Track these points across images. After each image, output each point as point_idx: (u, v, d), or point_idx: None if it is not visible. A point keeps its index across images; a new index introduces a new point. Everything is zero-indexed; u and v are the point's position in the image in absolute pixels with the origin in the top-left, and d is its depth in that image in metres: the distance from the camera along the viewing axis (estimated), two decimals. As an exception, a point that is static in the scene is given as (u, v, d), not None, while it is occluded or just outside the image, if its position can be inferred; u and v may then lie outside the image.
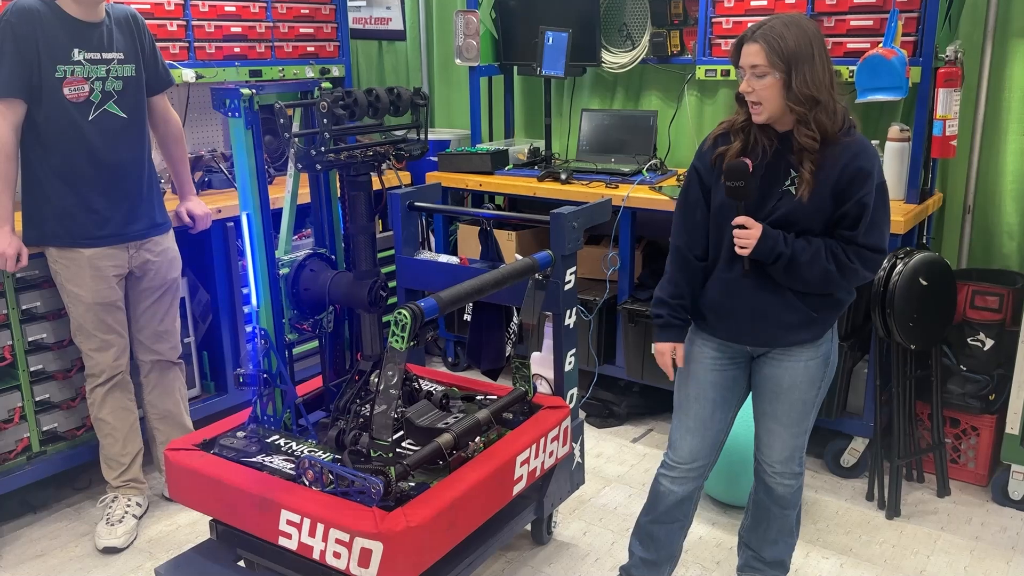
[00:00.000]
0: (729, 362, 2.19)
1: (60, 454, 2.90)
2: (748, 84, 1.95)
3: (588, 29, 3.78)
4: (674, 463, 2.26)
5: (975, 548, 2.72)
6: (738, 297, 2.08)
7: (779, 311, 2.06)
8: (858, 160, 1.95)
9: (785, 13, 2.01)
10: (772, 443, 2.21)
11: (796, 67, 1.89)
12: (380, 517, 1.92)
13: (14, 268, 2.57)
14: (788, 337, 2.09)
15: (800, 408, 2.16)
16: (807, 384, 2.13)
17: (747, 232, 1.99)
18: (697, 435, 2.22)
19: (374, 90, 2.19)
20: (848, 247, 1.98)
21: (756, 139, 2.02)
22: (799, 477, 2.26)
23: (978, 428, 3.03)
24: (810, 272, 1.99)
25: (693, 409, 2.22)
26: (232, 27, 3.58)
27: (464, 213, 3.35)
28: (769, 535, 2.33)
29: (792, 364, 2.12)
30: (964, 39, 3.12)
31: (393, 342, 1.91)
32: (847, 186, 1.95)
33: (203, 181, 3.42)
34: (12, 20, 2.45)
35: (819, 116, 1.92)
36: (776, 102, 1.94)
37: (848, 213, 1.97)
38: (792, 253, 1.97)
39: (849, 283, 2.04)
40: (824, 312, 2.08)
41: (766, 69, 1.91)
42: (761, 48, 1.91)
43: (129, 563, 2.70)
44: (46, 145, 2.56)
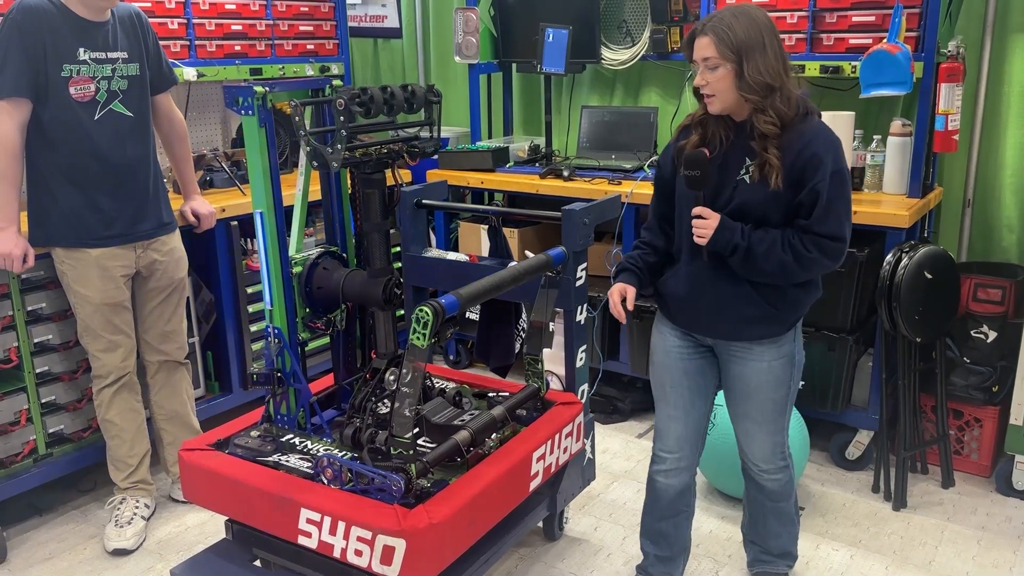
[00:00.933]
0: (694, 351, 2.21)
1: (66, 456, 2.87)
2: (702, 77, 1.97)
3: (588, 26, 3.79)
4: (664, 454, 2.29)
5: (982, 538, 2.75)
6: (699, 288, 2.11)
7: (738, 304, 2.08)
8: (811, 146, 1.95)
9: (735, 4, 2.03)
10: (751, 443, 2.24)
11: (747, 57, 1.92)
12: (402, 514, 1.92)
13: (20, 269, 2.55)
14: (747, 331, 2.10)
15: (771, 407, 2.17)
16: (774, 384, 2.14)
17: (704, 222, 2.01)
18: (681, 422, 2.25)
19: (389, 87, 2.18)
20: (805, 236, 1.98)
21: (714, 131, 2.04)
22: (786, 470, 2.28)
23: (981, 419, 3.06)
24: (767, 263, 1.99)
25: (672, 397, 2.24)
26: (233, 25, 3.56)
27: (473, 210, 3.34)
28: (770, 529, 2.36)
29: (756, 364, 2.13)
30: (963, 34, 3.15)
31: (414, 339, 1.91)
32: (801, 173, 1.96)
33: (205, 180, 3.41)
34: (18, 19, 2.43)
35: (775, 103, 1.94)
36: (729, 93, 1.96)
37: (803, 202, 1.97)
38: (749, 244, 1.98)
39: (810, 273, 2.04)
40: (783, 309, 2.08)
41: (717, 61, 1.93)
42: (711, 40, 1.93)
43: (140, 564, 2.68)
44: (52, 145, 2.54)
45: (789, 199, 1.99)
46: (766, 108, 1.94)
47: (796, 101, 1.98)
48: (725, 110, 2.00)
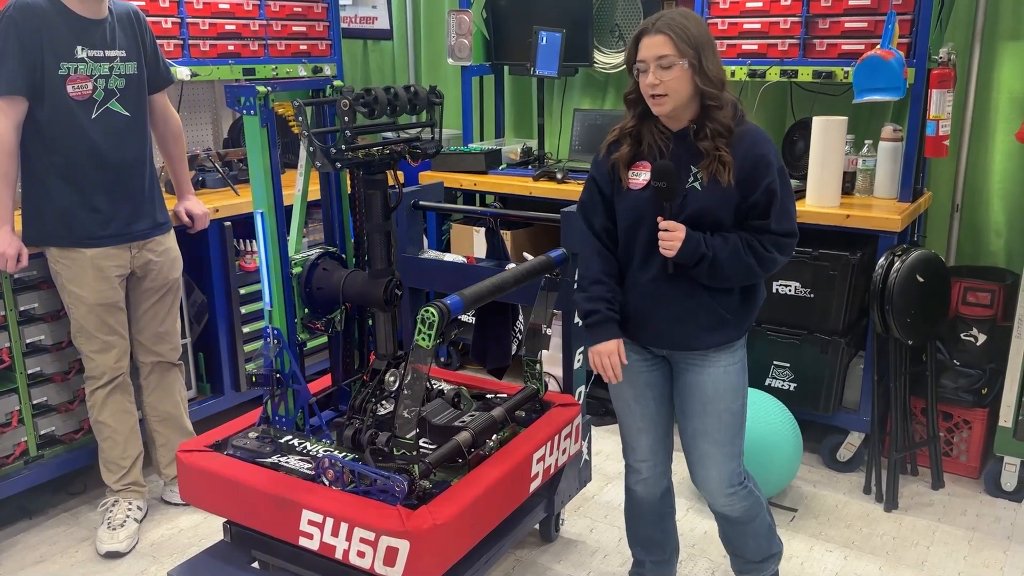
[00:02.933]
0: (651, 364, 2.17)
1: (58, 458, 2.84)
2: (655, 76, 1.93)
3: (580, 29, 3.80)
4: (638, 464, 2.26)
5: (972, 539, 2.78)
6: (653, 300, 2.07)
7: (695, 313, 2.05)
8: (756, 147, 1.95)
9: (677, 8, 2.03)
10: (707, 471, 2.15)
11: (703, 52, 1.92)
12: (406, 515, 1.92)
13: (14, 268, 2.53)
14: (704, 339, 2.06)
15: (729, 420, 2.11)
16: (731, 392, 2.10)
17: (671, 235, 1.98)
18: (650, 432, 2.22)
19: (392, 88, 2.18)
20: (763, 236, 1.97)
21: (649, 143, 2.02)
22: (749, 493, 2.19)
23: (970, 421, 3.10)
24: (733, 269, 1.98)
25: (637, 410, 2.20)
26: (226, 25, 3.54)
27: (471, 212, 3.34)
28: (745, 543, 2.30)
29: (712, 370, 2.08)
30: (953, 41, 3.19)
31: (419, 340, 1.91)
32: (750, 174, 1.95)
33: (197, 180, 3.38)
34: (15, 16, 2.41)
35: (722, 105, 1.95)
36: (684, 91, 1.93)
37: (757, 203, 1.96)
38: (714, 253, 1.97)
39: (769, 272, 2.03)
40: (736, 314, 2.07)
41: (674, 58, 1.90)
42: (667, 38, 1.91)
43: (133, 567, 2.66)
44: (48, 143, 2.52)
45: (739, 201, 1.98)
46: (723, 104, 1.94)
47: (732, 105, 1.99)
48: (674, 111, 1.97)
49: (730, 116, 1.97)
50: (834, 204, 3.07)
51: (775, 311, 3.10)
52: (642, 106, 2.02)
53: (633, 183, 2.04)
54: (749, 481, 2.22)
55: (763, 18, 3.25)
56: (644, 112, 2.02)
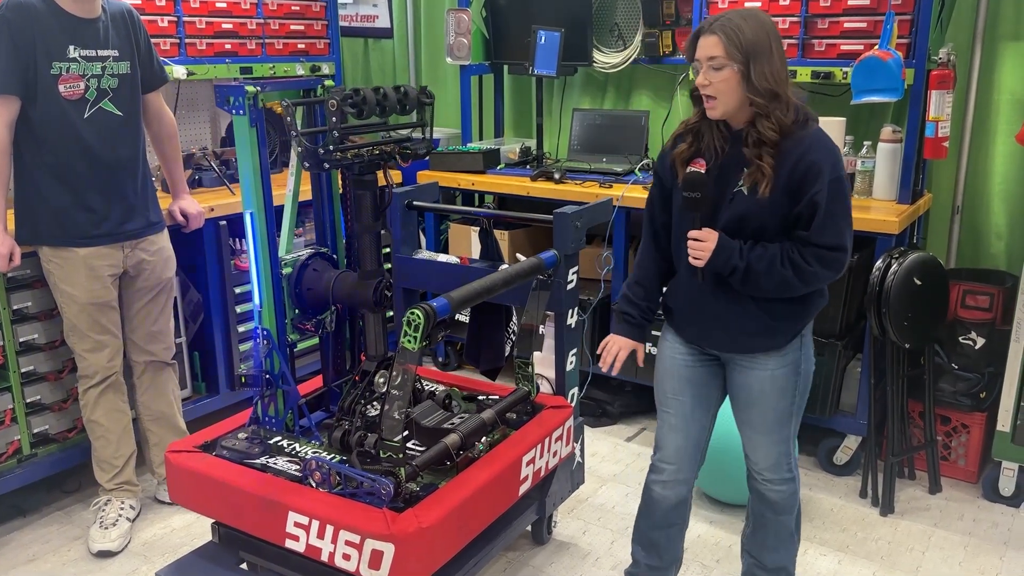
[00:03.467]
0: (699, 360, 2.18)
1: (51, 456, 2.85)
2: (705, 77, 1.92)
3: (579, 29, 3.79)
4: (662, 464, 2.24)
5: (968, 544, 2.76)
6: (699, 304, 2.08)
7: (738, 318, 2.04)
8: (810, 155, 1.91)
9: (742, 8, 2.00)
10: (755, 451, 2.20)
11: (755, 59, 1.88)
12: (391, 518, 1.91)
13: (7, 267, 2.53)
14: (749, 343, 2.07)
15: (774, 416, 2.12)
16: (777, 394, 2.10)
17: (702, 244, 1.97)
18: (680, 432, 2.21)
19: (382, 88, 2.17)
20: (805, 249, 1.93)
21: (708, 140, 2.00)
22: (791, 482, 2.21)
23: (969, 426, 3.07)
24: (768, 281, 1.96)
25: (673, 406, 2.21)
26: (223, 24, 3.54)
27: (464, 212, 3.33)
28: (768, 541, 2.30)
29: (759, 373, 2.09)
30: (953, 42, 3.16)
31: (405, 342, 1.90)
32: (800, 183, 1.91)
33: (194, 179, 3.38)
34: (8, 15, 2.41)
35: (776, 110, 1.91)
36: (733, 96, 1.91)
37: (802, 213, 1.93)
38: (747, 264, 1.95)
39: (811, 286, 1.99)
40: (785, 320, 2.05)
41: (724, 61, 1.89)
42: (719, 40, 1.88)
43: (124, 567, 2.66)
44: (41, 143, 2.51)
45: (787, 209, 1.94)
46: (769, 114, 1.90)
47: (795, 108, 1.94)
48: (726, 114, 1.95)
49: (787, 122, 1.92)
50: (832, 206, 3.04)
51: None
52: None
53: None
54: (796, 471, 2.22)
55: (762, 18, 3.22)
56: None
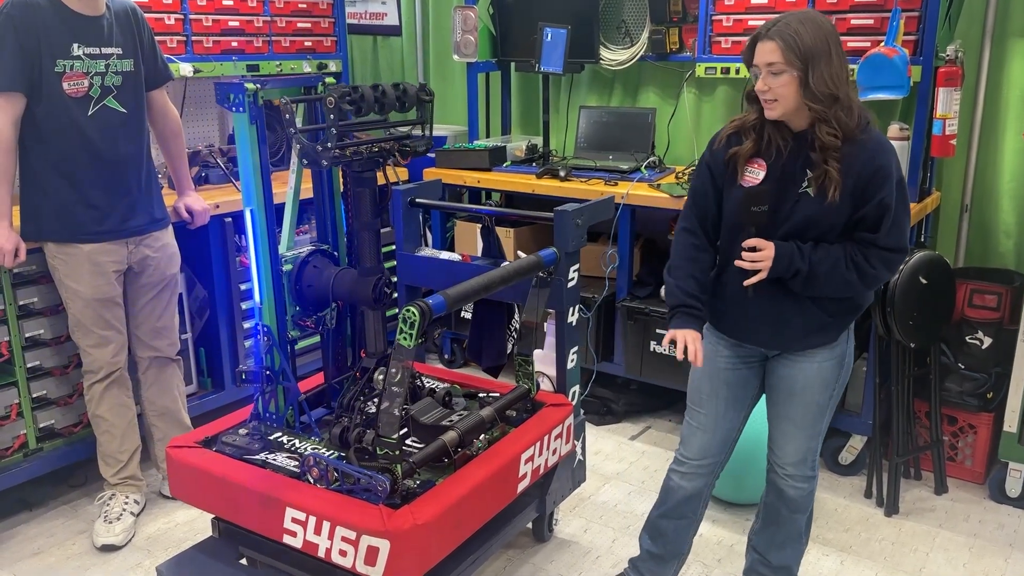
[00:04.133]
0: (742, 362, 2.17)
1: (57, 451, 2.87)
2: (764, 82, 1.91)
3: (586, 26, 3.78)
4: (684, 459, 2.25)
5: (973, 545, 2.74)
6: (752, 303, 2.05)
7: (795, 317, 2.04)
8: (876, 159, 1.91)
9: (799, 10, 1.98)
10: (785, 445, 2.18)
11: (813, 64, 1.86)
12: (387, 515, 1.92)
13: (12, 264, 2.55)
14: (804, 341, 2.07)
15: (814, 410, 2.12)
16: (821, 386, 2.10)
17: (761, 255, 1.95)
18: (708, 432, 2.21)
19: (380, 85, 2.17)
20: (869, 251, 1.94)
21: (770, 138, 1.99)
22: (812, 480, 2.21)
23: (975, 426, 3.04)
24: (830, 284, 1.96)
25: (706, 406, 2.20)
26: (230, 21, 3.55)
27: (466, 209, 3.33)
28: (777, 539, 2.29)
29: (806, 365, 2.09)
30: (963, 38, 3.13)
31: (401, 339, 1.90)
32: (866, 186, 1.91)
33: (200, 176, 3.40)
34: (12, 13, 2.42)
35: (838, 113, 1.89)
36: (792, 100, 1.90)
37: (868, 215, 1.93)
38: (810, 268, 1.94)
39: (870, 288, 2.01)
40: (840, 316, 2.05)
41: (782, 67, 1.88)
42: (777, 46, 1.88)
43: (128, 561, 2.68)
44: (45, 140, 2.53)
45: (851, 212, 1.94)
46: (829, 119, 1.89)
47: (857, 112, 1.93)
48: (784, 116, 1.95)
49: (851, 126, 1.91)
50: (838, 204, 3.02)
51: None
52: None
53: (747, 180, 2.01)
54: (817, 471, 2.22)
55: (768, 14, 3.19)
56: None
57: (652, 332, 3.36)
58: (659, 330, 3.35)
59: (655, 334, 3.36)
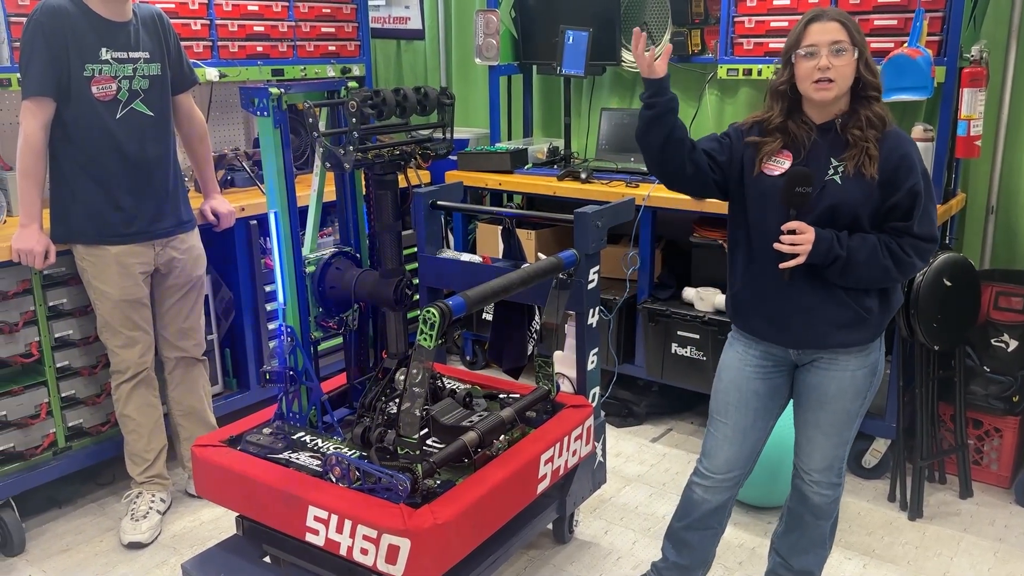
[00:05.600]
0: (774, 369, 2.14)
1: (85, 450, 2.92)
2: (827, 60, 1.94)
3: (608, 28, 3.78)
4: (709, 473, 2.21)
5: (999, 550, 2.71)
6: (785, 294, 2.03)
7: (828, 308, 2.01)
8: (901, 148, 1.95)
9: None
10: (812, 452, 2.16)
11: (864, 48, 1.97)
12: (408, 514, 1.94)
13: (42, 265, 2.60)
14: (838, 337, 2.03)
15: (844, 418, 2.10)
16: (853, 394, 2.08)
17: (801, 237, 1.94)
18: (735, 444, 2.17)
19: (402, 89, 2.20)
20: (903, 239, 1.95)
21: (794, 134, 2.02)
22: (837, 488, 2.18)
23: (1001, 430, 3.01)
24: (868, 271, 1.95)
25: (733, 418, 2.16)
26: (255, 26, 3.60)
27: (486, 212, 3.35)
28: (800, 544, 2.27)
29: (839, 373, 2.06)
30: (988, 38, 3.10)
31: (421, 340, 1.92)
32: (893, 175, 1.94)
33: (226, 179, 3.45)
34: (42, 20, 2.47)
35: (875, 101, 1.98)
36: (849, 79, 1.96)
37: (899, 204, 1.94)
38: (848, 254, 1.94)
39: (905, 277, 2.02)
40: (875, 313, 2.02)
41: (846, 45, 1.94)
42: (840, 26, 1.95)
43: (154, 558, 2.72)
44: (74, 143, 2.58)
45: (879, 201, 1.95)
46: (880, 96, 1.98)
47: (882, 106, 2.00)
48: (836, 98, 1.97)
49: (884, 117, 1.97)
50: (861, 205, 3.00)
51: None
52: (789, 100, 2.02)
53: (771, 168, 2.03)
54: (844, 478, 2.20)
55: (791, 16, 3.20)
56: (791, 106, 2.03)
57: (673, 334, 3.36)
58: (680, 332, 3.35)
59: (676, 336, 3.36)
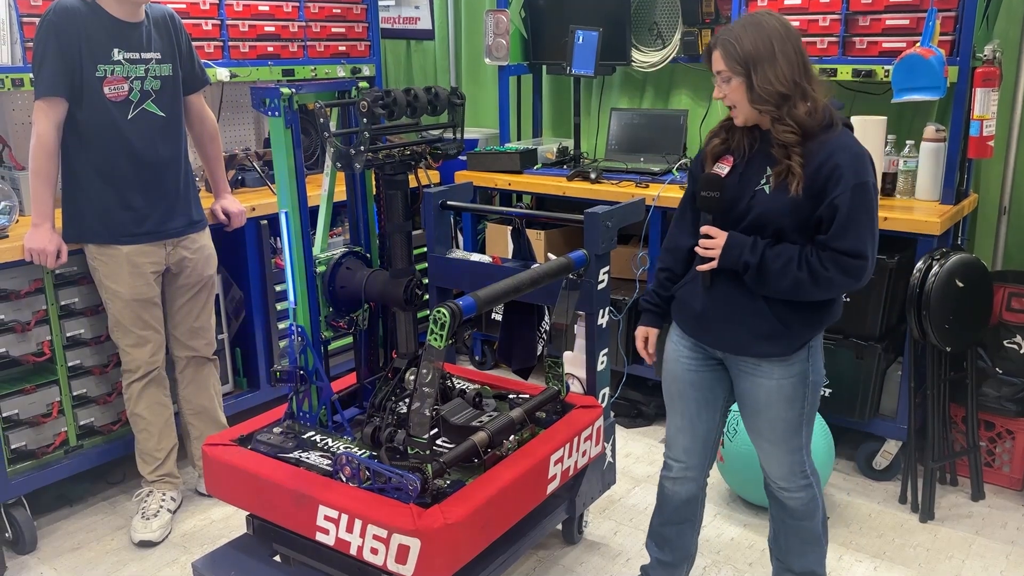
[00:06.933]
0: (704, 363, 2.16)
1: (96, 448, 2.93)
2: (719, 90, 1.97)
3: (618, 28, 3.78)
4: (672, 461, 2.28)
5: (1011, 553, 2.69)
6: (710, 297, 2.06)
7: (747, 317, 2.01)
8: (834, 158, 1.89)
9: (752, 13, 1.99)
10: (768, 461, 2.18)
11: (755, 68, 1.89)
12: (418, 514, 1.94)
13: (54, 264, 2.61)
14: (754, 347, 2.03)
15: (783, 427, 2.09)
16: (784, 403, 2.06)
17: (712, 241, 1.98)
18: (687, 433, 2.22)
19: (412, 89, 2.20)
20: (824, 253, 1.90)
21: (738, 138, 2.03)
22: (808, 488, 2.18)
23: (1013, 432, 3.00)
24: (781, 281, 1.93)
25: (679, 407, 2.22)
26: (266, 26, 3.61)
27: (496, 212, 3.35)
28: (793, 546, 2.28)
29: (764, 380, 2.05)
30: (1001, 38, 3.09)
31: (431, 340, 1.92)
32: (823, 185, 1.90)
33: (236, 179, 3.46)
34: (55, 20, 2.49)
35: (792, 111, 1.90)
36: (746, 103, 1.94)
37: (823, 216, 1.91)
38: (761, 261, 1.94)
39: (827, 293, 1.96)
40: (794, 327, 2.00)
41: (728, 74, 1.93)
42: (719, 54, 1.94)
43: (164, 557, 2.73)
44: (86, 143, 2.59)
45: (807, 212, 1.93)
46: (782, 117, 1.91)
47: (820, 109, 1.93)
48: (748, 121, 1.98)
49: (811, 123, 1.91)
50: (872, 206, 2.99)
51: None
52: None
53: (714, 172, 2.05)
54: (813, 476, 2.19)
55: (802, 15, 3.19)
56: None
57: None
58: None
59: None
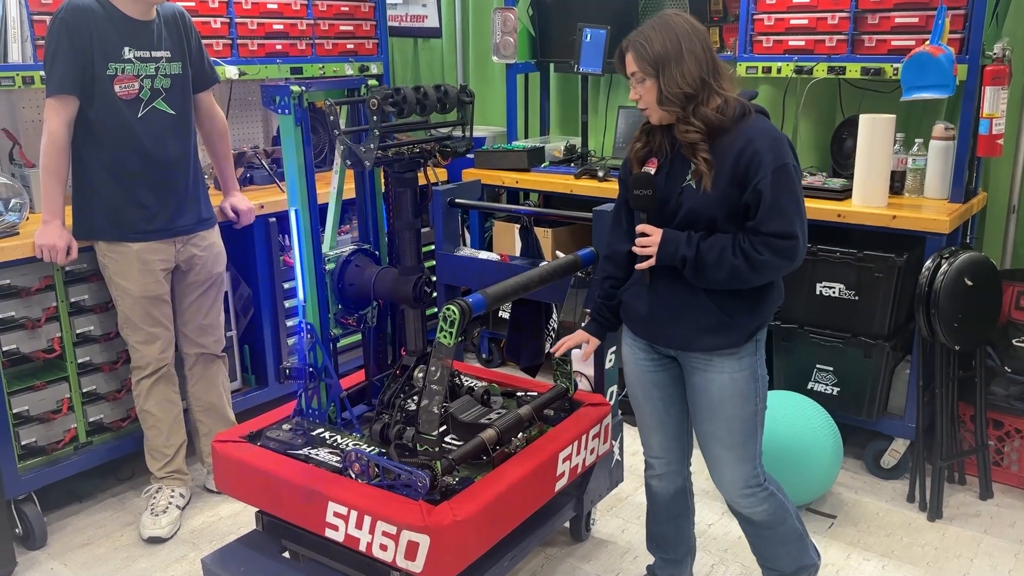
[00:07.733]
0: (659, 363, 2.17)
1: (106, 445, 2.94)
2: (634, 91, 1.99)
3: (626, 26, 3.74)
4: (651, 459, 2.30)
5: (1019, 552, 2.69)
6: (654, 296, 2.07)
7: (694, 313, 2.02)
8: (752, 144, 1.90)
9: (662, 13, 1.99)
10: (721, 472, 2.15)
11: (663, 69, 1.91)
12: (427, 511, 1.94)
13: (64, 261, 2.62)
14: (702, 340, 2.03)
15: (739, 426, 2.08)
16: (739, 399, 2.06)
17: (647, 240, 2.00)
18: (659, 431, 2.24)
19: (422, 87, 2.20)
20: (755, 238, 1.91)
21: (659, 140, 2.03)
22: (768, 498, 2.16)
23: (1022, 431, 2.99)
24: (718, 271, 1.94)
25: (646, 408, 2.23)
26: (274, 24, 3.62)
27: (505, 210, 3.36)
28: (776, 553, 2.26)
29: (716, 376, 2.06)
30: (1011, 36, 3.07)
31: (441, 337, 1.93)
32: (745, 172, 1.91)
33: (245, 177, 3.47)
34: (67, 18, 2.50)
35: (699, 110, 1.91)
36: (655, 105, 1.95)
37: (749, 202, 1.92)
38: (697, 254, 1.94)
39: (766, 276, 1.97)
40: (739, 315, 2.01)
41: (640, 76, 1.95)
42: (631, 56, 1.95)
43: (173, 553, 2.74)
44: (97, 141, 2.61)
45: (736, 200, 1.94)
46: (687, 117, 1.93)
47: (731, 103, 1.94)
48: (662, 120, 1.98)
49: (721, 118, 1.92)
50: (881, 204, 2.99)
51: (818, 313, 3.04)
52: None
53: None
54: (770, 484, 2.18)
55: (811, 13, 3.18)
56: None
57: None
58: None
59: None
